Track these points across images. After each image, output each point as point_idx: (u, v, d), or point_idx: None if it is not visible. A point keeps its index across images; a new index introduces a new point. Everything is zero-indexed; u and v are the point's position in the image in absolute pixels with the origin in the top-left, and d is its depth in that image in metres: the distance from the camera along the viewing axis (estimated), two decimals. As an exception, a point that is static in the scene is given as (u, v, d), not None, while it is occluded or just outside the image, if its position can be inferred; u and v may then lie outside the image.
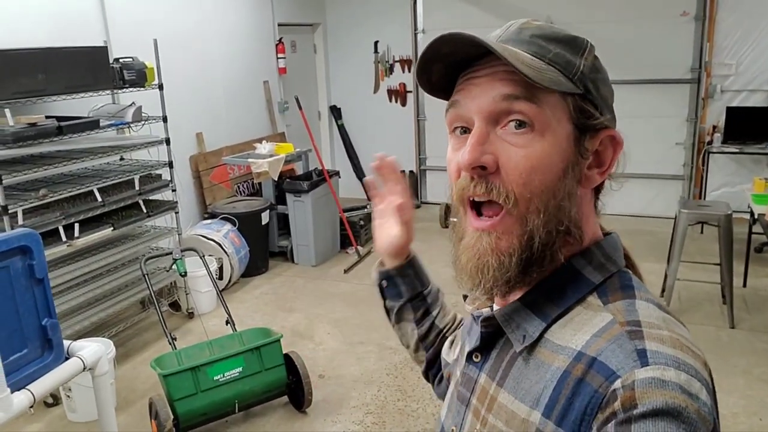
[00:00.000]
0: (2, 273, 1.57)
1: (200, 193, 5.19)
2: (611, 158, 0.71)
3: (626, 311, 0.64)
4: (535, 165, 0.65)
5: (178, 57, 4.73)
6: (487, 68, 0.67)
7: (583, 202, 0.70)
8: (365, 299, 4.52)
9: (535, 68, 0.64)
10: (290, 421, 3.12)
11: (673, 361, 0.57)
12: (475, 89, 0.67)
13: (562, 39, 0.69)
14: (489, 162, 0.65)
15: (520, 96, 0.64)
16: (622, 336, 0.61)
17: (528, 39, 0.68)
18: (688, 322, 3.50)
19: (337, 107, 7.24)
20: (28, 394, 1.59)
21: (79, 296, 3.49)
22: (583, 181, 0.69)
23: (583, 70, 0.68)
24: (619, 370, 0.58)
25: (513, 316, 0.70)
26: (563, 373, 0.62)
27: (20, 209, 3.08)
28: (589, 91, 0.68)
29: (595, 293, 0.68)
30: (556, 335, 0.67)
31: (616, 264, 0.71)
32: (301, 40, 6.86)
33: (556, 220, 0.66)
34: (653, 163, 6.12)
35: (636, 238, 5.60)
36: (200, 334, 3.84)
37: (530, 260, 0.66)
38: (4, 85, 2.96)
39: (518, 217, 0.65)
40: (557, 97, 0.66)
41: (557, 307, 0.68)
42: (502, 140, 0.66)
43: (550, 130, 0.65)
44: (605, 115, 0.69)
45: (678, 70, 5.88)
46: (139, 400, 3.29)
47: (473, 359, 0.76)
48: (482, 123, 0.66)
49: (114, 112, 3.78)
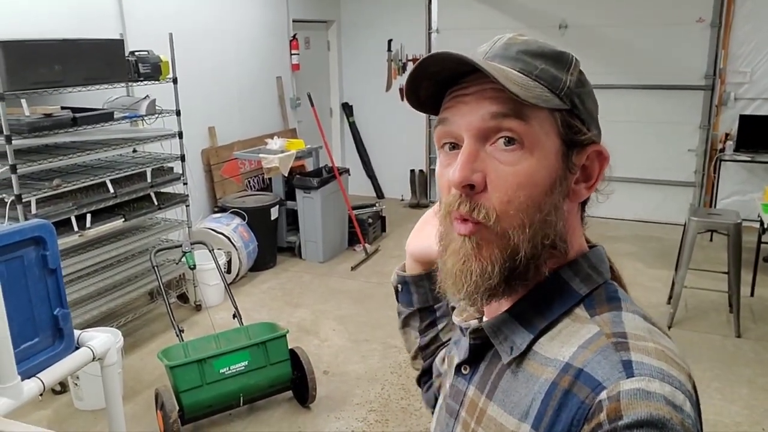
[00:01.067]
0: (16, 263, 1.60)
1: (211, 186, 5.22)
2: (598, 172, 0.71)
3: (612, 323, 0.65)
4: (523, 181, 0.65)
5: (193, 51, 4.76)
6: (475, 85, 0.68)
7: (570, 215, 0.71)
8: (371, 297, 4.54)
9: (522, 85, 0.65)
10: (294, 415, 3.14)
11: (658, 372, 0.58)
12: (464, 107, 0.68)
13: (548, 54, 0.69)
14: (478, 180, 0.66)
15: (508, 113, 0.65)
16: (608, 347, 0.62)
17: (514, 55, 0.69)
18: (694, 330, 3.51)
19: (349, 105, 7.26)
20: (38, 382, 1.62)
21: (89, 286, 3.53)
22: (571, 195, 0.70)
23: (569, 85, 0.68)
24: (604, 381, 0.58)
25: (501, 327, 0.71)
26: (551, 385, 0.63)
27: (34, 198, 3.12)
28: (575, 106, 0.69)
29: (582, 305, 0.69)
30: (544, 347, 0.67)
31: (603, 275, 0.72)
32: (315, 37, 6.88)
33: (542, 234, 0.67)
34: (664, 169, 6.11)
35: (644, 243, 5.59)
36: (207, 326, 3.88)
37: (513, 271, 0.67)
38: (22, 75, 2.99)
39: (500, 233, 0.66)
40: (545, 113, 0.67)
41: (545, 318, 0.69)
42: (492, 157, 0.67)
43: (539, 146, 0.66)
44: (592, 130, 0.70)
45: (692, 77, 5.85)
46: (146, 390, 3.33)
47: (462, 372, 0.77)
48: (472, 140, 0.67)
49: (128, 104, 3.82)
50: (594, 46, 6.02)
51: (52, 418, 3.15)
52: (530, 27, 6.14)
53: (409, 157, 7.07)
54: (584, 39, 6.05)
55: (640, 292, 4.48)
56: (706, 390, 3.24)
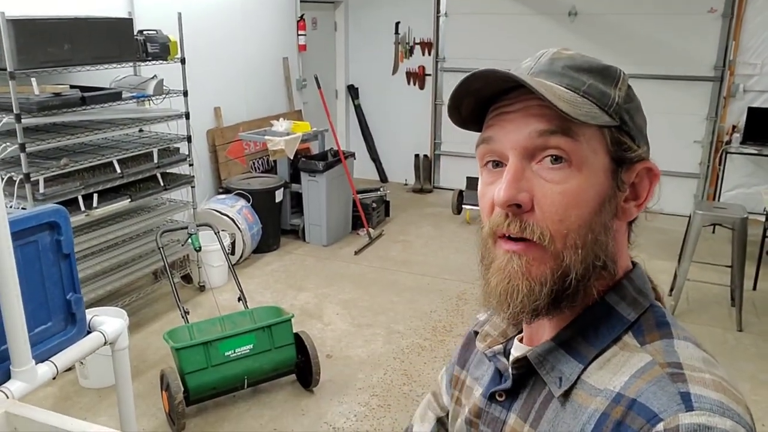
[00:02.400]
0: (31, 247, 1.61)
1: (215, 167, 5.21)
2: (648, 190, 0.70)
3: (665, 352, 0.63)
4: (572, 201, 0.64)
5: (200, 31, 4.73)
6: (519, 102, 0.66)
7: (618, 234, 0.69)
8: (375, 282, 4.56)
9: (570, 102, 0.63)
10: (297, 398, 3.17)
11: (718, 406, 0.56)
12: (508, 125, 0.66)
13: (595, 69, 0.68)
14: (525, 200, 0.65)
15: (556, 131, 0.64)
16: (664, 378, 0.60)
17: (560, 70, 0.67)
18: (695, 323, 3.53)
19: (355, 87, 7.22)
20: (51, 365, 1.63)
21: (94, 265, 3.54)
22: (620, 214, 0.68)
23: (618, 101, 0.67)
24: (661, 413, 0.57)
25: (547, 357, 0.69)
26: (601, 416, 0.61)
27: (42, 177, 3.12)
28: (625, 122, 0.67)
29: (631, 332, 0.67)
30: (592, 377, 0.65)
31: (648, 298, 0.70)
32: (323, 18, 6.82)
33: (594, 255, 0.65)
34: (669, 160, 6.07)
35: (647, 235, 5.48)
36: (211, 307, 3.90)
37: (562, 293, 0.65)
38: (32, 53, 2.97)
39: (554, 253, 0.65)
40: (594, 129, 0.65)
41: (593, 347, 0.67)
42: (538, 176, 0.65)
43: (587, 164, 0.65)
44: (642, 147, 0.69)
45: (701, 67, 5.81)
46: (150, 370, 3.36)
47: (497, 399, 0.75)
48: (517, 159, 0.65)
49: (136, 84, 3.80)
50: (603, 34, 5.97)
51: (57, 395, 3.18)
52: (540, 13, 6.09)
53: (414, 142, 7.05)
54: (594, 26, 6.00)
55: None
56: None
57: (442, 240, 5.42)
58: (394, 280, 4.58)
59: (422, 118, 6.98)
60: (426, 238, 5.45)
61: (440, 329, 3.86)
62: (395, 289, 4.43)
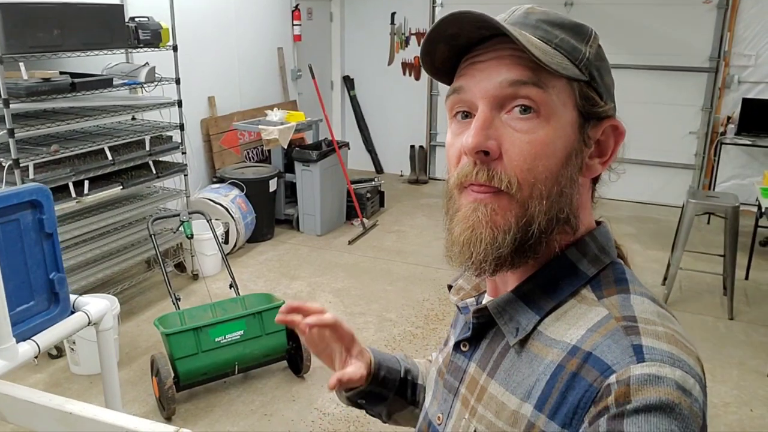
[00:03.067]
0: (12, 225, 1.60)
1: (210, 157, 5.21)
2: (613, 148, 0.70)
3: (621, 306, 0.64)
4: (540, 151, 0.64)
5: (194, 19, 4.71)
6: (492, 51, 0.66)
7: (582, 191, 0.70)
8: (368, 271, 4.56)
9: (543, 51, 0.64)
10: (288, 385, 3.18)
11: (669, 357, 0.57)
12: (479, 74, 0.66)
13: (568, 25, 0.68)
14: (493, 147, 0.65)
15: (527, 81, 0.64)
16: (618, 331, 0.61)
17: (534, 23, 0.67)
18: (687, 311, 3.53)
19: (350, 78, 7.20)
20: (33, 344, 1.63)
21: (86, 252, 3.53)
22: (584, 170, 0.69)
23: (588, 57, 0.67)
24: (614, 365, 0.58)
25: (506, 307, 0.70)
26: (557, 367, 0.62)
27: (31, 163, 3.12)
28: (594, 78, 0.67)
29: (589, 286, 0.68)
30: (549, 329, 0.66)
31: (610, 255, 0.71)
32: (318, 8, 6.80)
33: (558, 207, 0.66)
34: (665, 151, 6.09)
35: (642, 225, 5.60)
36: (204, 295, 3.91)
37: (525, 243, 0.66)
38: (20, 38, 2.96)
39: (520, 201, 0.65)
40: (564, 82, 0.65)
41: (551, 299, 0.68)
42: (507, 126, 0.65)
43: (556, 116, 0.65)
44: (609, 104, 0.69)
45: (696, 59, 5.80)
46: (141, 357, 3.36)
47: (461, 348, 0.76)
48: (487, 108, 0.65)
49: (127, 71, 3.79)
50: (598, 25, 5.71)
51: (48, 381, 3.18)
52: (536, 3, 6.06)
53: (410, 133, 7.04)
54: (589, 17, 5.97)
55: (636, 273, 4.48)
56: (696, 370, 3.27)
57: (436, 230, 5.41)
58: (387, 270, 4.58)
59: (418, 109, 6.96)
60: (420, 228, 5.45)
61: (432, 317, 3.86)
62: (388, 278, 4.43)
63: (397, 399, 0.94)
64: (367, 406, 0.95)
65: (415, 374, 0.97)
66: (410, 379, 0.96)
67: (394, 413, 0.96)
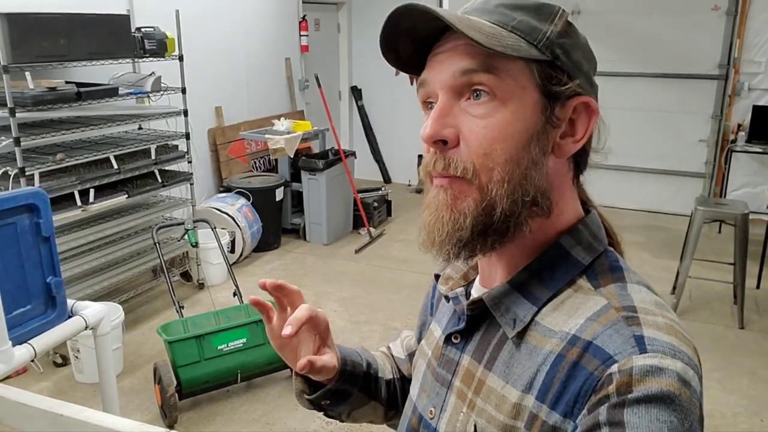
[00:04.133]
0: (9, 229, 1.61)
1: (217, 166, 5.23)
2: (587, 127, 0.69)
3: (620, 296, 0.64)
4: (497, 135, 0.64)
5: (202, 30, 4.75)
6: (449, 42, 0.66)
7: (557, 173, 0.69)
8: (373, 280, 4.54)
9: (491, 35, 0.63)
10: (291, 394, 3.13)
11: (670, 348, 0.58)
12: (438, 65, 0.67)
13: (529, 6, 0.67)
14: (450, 135, 0.65)
15: (477, 69, 0.64)
16: (619, 321, 0.61)
17: (493, 8, 0.67)
18: (697, 320, 3.48)
19: (358, 88, 7.23)
20: (29, 348, 1.63)
21: (91, 260, 3.55)
22: (556, 150, 0.68)
23: (550, 36, 0.66)
24: (616, 355, 0.58)
25: (502, 299, 0.69)
26: (557, 357, 0.62)
27: (37, 172, 3.14)
28: (557, 57, 0.66)
29: (585, 276, 0.68)
30: (546, 319, 0.66)
31: (602, 243, 0.71)
32: (325, 19, 6.84)
33: (522, 189, 0.65)
34: (675, 159, 6.04)
35: (652, 234, 5.55)
36: (209, 304, 3.90)
37: (489, 227, 0.66)
38: (26, 48, 3.00)
39: (479, 186, 0.65)
40: (521, 64, 0.64)
41: (547, 289, 0.68)
42: (465, 112, 0.65)
43: (514, 98, 0.64)
44: (575, 81, 0.67)
45: (705, 66, 5.76)
46: (146, 365, 3.36)
47: (452, 341, 0.75)
48: (445, 97, 0.66)
49: (134, 81, 3.82)
50: (607, 33, 5.94)
51: (52, 389, 3.18)
52: None
53: (418, 142, 6.89)
54: (597, 26, 5.96)
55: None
56: (706, 380, 3.16)
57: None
58: (393, 278, 4.56)
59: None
60: (427, 238, 5.42)
61: (438, 326, 3.83)
62: (394, 287, 4.41)
63: (359, 395, 0.91)
64: (330, 407, 0.89)
65: (375, 368, 0.95)
66: (372, 372, 0.93)
67: (354, 410, 0.92)
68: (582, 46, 0.69)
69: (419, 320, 0.96)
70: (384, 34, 0.68)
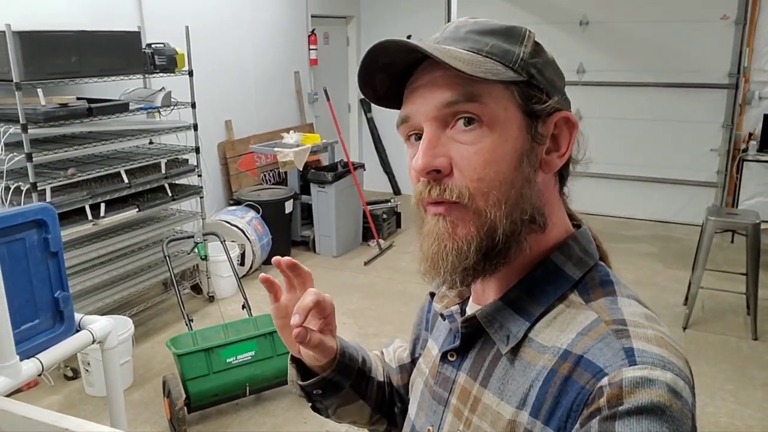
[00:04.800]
0: (18, 244, 1.63)
1: (227, 179, 5.26)
2: (568, 140, 0.70)
3: (610, 309, 0.65)
4: (488, 158, 0.65)
5: (211, 45, 4.81)
6: (427, 74, 0.67)
7: (546, 188, 0.70)
8: (383, 292, 4.54)
9: (469, 62, 0.64)
10: (300, 407, 3.15)
11: (660, 360, 0.58)
12: (419, 100, 0.68)
13: (498, 31, 0.69)
14: (443, 164, 0.66)
15: (461, 99, 0.65)
16: (609, 335, 0.61)
17: (464, 36, 0.68)
18: (710, 332, 3.44)
19: (367, 100, 7.24)
20: (36, 362, 1.64)
21: (102, 274, 3.58)
22: (543, 166, 0.69)
23: (523, 57, 0.67)
24: (606, 368, 0.58)
25: (495, 315, 0.70)
26: (549, 372, 0.63)
27: (49, 187, 3.18)
28: (533, 76, 0.67)
29: (576, 290, 0.69)
30: (540, 335, 0.67)
31: (593, 257, 0.72)
32: (334, 32, 6.89)
33: (519, 209, 0.66)
34: (685, 169, 6.00)
35: (663, 244, 5.51)
36: (218, 317, 3.91)
37: (492, 250, 0.66)
38: (39, 65, 3.05)
39: (477, 211, 0.65)
40: (500, 88, 0.66)
41: (539, 305, 0.68)
42: (453, 140, 0.66)
43: (499, 122, 0.65)
44: (553, 97, 0.69)
45: (715, 75, 5.73)
46: (155, 378, 3.37)
47: (448, 359, 0.76)
48: (432, 128, 0.67)
49: (144, 96, 3.87)
50: (615, 43, 5.94)
51: (63, 402, 3.20)
52: (550, 23, 6.08)
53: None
54: (605, 36, 5.97)
55: (656, 293, 4.41)
56: (718, 392, 3.18)
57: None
58: (402, 290, 4.55)
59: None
60: (437, 249, 5.41)
61: (447, 338, 3.82)
62: (403, 298, 4.40)
63: (350, 391, 0.90)
64: (321, 397, 0.89)
65: (369, 366, 0.94)
66: (366, 370, 0.93)
67: (341, 407, 0.91)
68: (551, 64, 0.71)
69: (413, 334, 0.96)
70: (362, 70, 0.69)
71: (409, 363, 0.95)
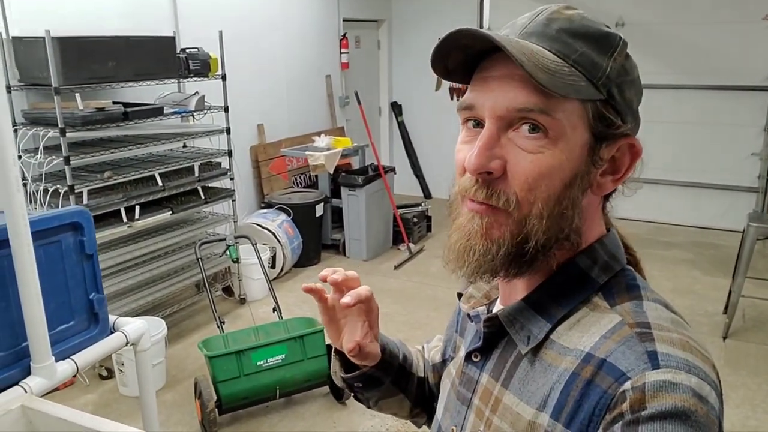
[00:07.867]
0: (54, 247, 1.66)
1: (258, 182, 5.30)
2: (628, 166, 0.67)
3: (635, 312, 0.63)
4: (544, 171, 0.63)
5: (244, 49, 4.85)
6: (503, 67, 0.64)
7: (590, 206, 0.68)
8: (413, 296, 4.52)
9: (553, 73, 0.61)
10: (329, 411, 3.15)
11: (685, 364, 0.57)
12: (489, 92, 0.65)
13: (592, 36, 0.64)
14: (496, 167, 0.64)
15: (534, 108, 0.62)
16: (632, 338, 0.60)
17: (554, 34, 0.64)
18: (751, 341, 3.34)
19: (398, 104, 7.25)
20: (71, 363, 1.67)
21: (137, 276, 3.63)
22: (595, 187, 0.67)
23: (609, 73, 0.64)
24: (629, 372, 0.57)
25: (517, 316, 0.69)
26: (571, 375, 0.62)
27: (86, 189, 3.24)
28: (612, 96, 0.64)
29: (601, 294, 0.67)
30: (562, 337, 0.66)
31: (620, 262, 0.70)
32: (365, 36, 6.90)
33: (558, 227, 0.65)
34: (725, 174, 5.84)
35: (702, 251, 5.37)
36: (249, 320, 3.94)
37: (519, 258, 0.65)
38: (76, 70, 3.11)
39: (518, 219, 0.64)
40: (575, 104, 0.63)
41: (562, 307, 0.67)
42: (513, 143, 0.64)
43: (564, 138, 0.63)
44: (627, 123, 0.66)
45: (757, 77, 5.57)
46: (187, 379, 3.40)
47: (473, 359, 0.76)
48: (494, 126, 0.64)
49: (178, 100, 3.92)
50: (652, 45, 5.81)
51: (97, 402, 3.25)
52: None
53: (458, 158, 6.98)
54: (642, 37, 5.85)
55: (695, 301, 4.30)
56: (761, 405, 3.07)
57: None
58: (432, 295, 4.52)
59: (466, 133, 6.92)
60: (468, 254, 5.37)
61: (478, 344, 3.78)
62: (433, 303, 4.37)
63: (390, 386, 0.91)
64: (362, 390, 0.91)
65: (410, 362, 0.96)
66: (406, 366, 0.94)
67: (382, 400, 0.94)
68: (635, 83, 0.68)
69: (446, 335, 0.96)
70: (439, 47, 0.66)
71: (440, 363, 0.96)
